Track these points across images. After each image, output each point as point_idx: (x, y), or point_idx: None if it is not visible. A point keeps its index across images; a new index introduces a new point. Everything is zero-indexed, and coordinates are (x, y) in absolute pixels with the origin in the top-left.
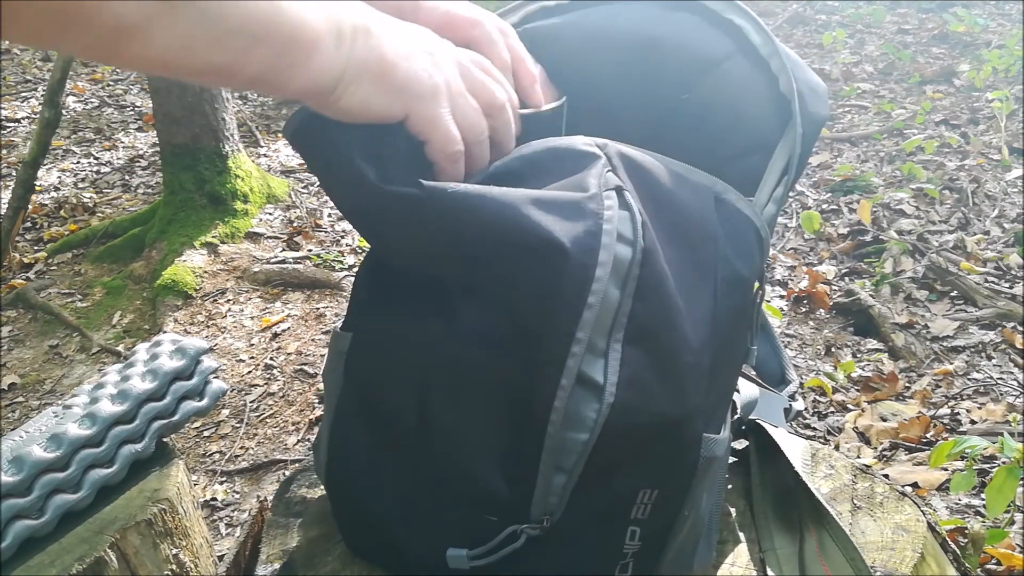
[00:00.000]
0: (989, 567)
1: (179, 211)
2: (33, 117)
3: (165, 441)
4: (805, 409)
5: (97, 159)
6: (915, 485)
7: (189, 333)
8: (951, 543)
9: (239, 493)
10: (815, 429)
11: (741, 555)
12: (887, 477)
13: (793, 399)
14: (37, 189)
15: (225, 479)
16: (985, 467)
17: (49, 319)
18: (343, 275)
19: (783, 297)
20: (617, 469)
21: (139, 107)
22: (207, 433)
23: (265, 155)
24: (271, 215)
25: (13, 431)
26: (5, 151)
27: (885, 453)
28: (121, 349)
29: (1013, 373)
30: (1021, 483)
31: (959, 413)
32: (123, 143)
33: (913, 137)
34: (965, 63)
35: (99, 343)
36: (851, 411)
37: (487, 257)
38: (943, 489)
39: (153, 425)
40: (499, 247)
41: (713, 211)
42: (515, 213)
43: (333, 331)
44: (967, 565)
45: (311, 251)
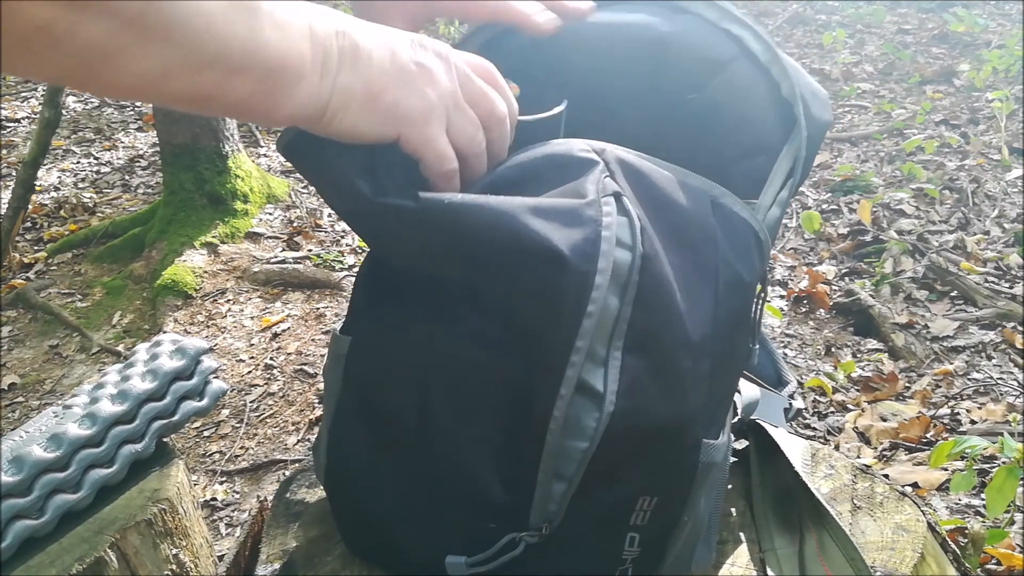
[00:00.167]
0: (989, 567)
1: (179, 211)
2: (33, 117)
3: (165, 441)
4: (805, 409)
5: (97, 159)
6: (915, 485)
7: (189, 333)
8: (951, 543)
9: (239, 493)
10: (815, 429)
11: (741, 555)
12: (887, 477)
13: (792, 399)
14: (37, 189)
15: (225, 479)
16: (985, 467)
17: (49, 319)
18: (343, 275)
19: (783, 297)
20: (617, 476)
21: (139, 107)
22: (207, 433)
23: (265, 155)
24: (271, 215)
25: (13, 431)
26: (5, 151)
27: (885, 453)
28: (121, 349)
29: (1013, 373)
30: (1021, 483)
31: (959, 413)
32: (123, 143)
33: (913, 137)
34: (965, 63)
35: (99, 343)
36: (851, 411)
37: (486, 266)
38: (943, 489)
39: (153, 425)
40: (497, 256)
41: (711, 215)
42: (513, 222)
43: (333, 333)
44: (967, 565)
45: (311, 251)
